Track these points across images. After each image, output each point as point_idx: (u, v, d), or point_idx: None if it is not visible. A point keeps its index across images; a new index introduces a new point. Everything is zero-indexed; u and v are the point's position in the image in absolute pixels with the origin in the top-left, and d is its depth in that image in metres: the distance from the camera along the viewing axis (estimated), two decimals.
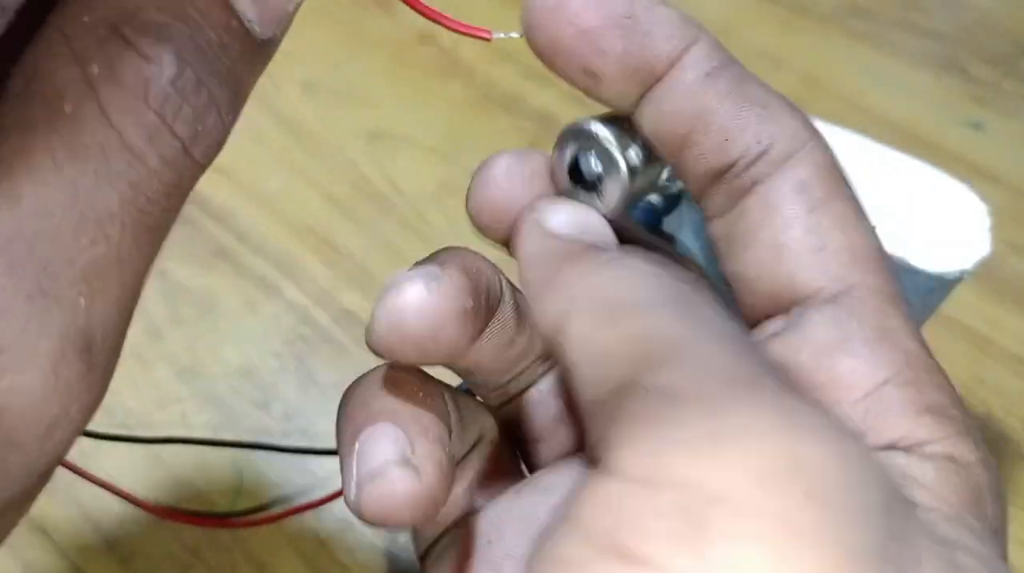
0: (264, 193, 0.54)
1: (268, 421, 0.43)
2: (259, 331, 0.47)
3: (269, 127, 0.57)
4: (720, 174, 0.18)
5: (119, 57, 0.14)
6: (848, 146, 0.36)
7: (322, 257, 0.50)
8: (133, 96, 0.14)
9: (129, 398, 0.44)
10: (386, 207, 0.53)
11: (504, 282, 0.21)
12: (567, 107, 0.58)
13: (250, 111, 0.16)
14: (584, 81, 0.18)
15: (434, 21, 0.18)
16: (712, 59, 0.18)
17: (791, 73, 0.61)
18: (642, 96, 0.18)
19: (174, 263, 0.50)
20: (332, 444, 0.19)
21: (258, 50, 0.15)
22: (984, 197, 0.34)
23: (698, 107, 0.18)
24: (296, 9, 0.15)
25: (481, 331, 0.20)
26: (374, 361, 0.20)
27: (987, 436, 0.45)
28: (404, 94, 0.61)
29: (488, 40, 0.18)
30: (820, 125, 0.36)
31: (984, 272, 0.33)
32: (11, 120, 0.14)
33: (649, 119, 0.18)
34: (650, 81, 0.18)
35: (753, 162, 0.17)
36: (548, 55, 0.18)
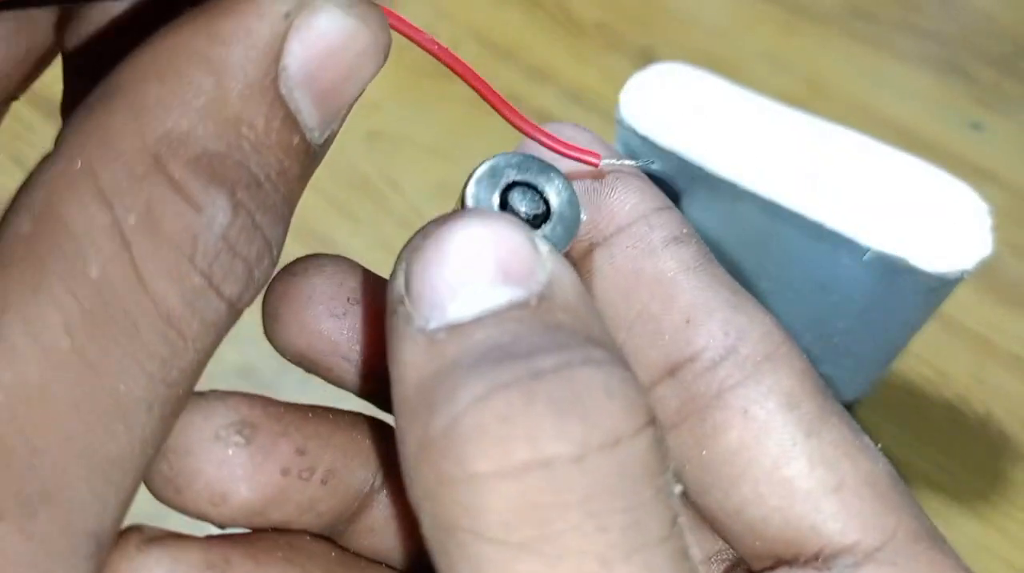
0: None
1: None
2: (259, 331, 0.47)
3: None
4: (677, 367, 0.15)
5: (162, 202, 0.11)
6: (850, 145, 0.36)
7: None
8: (177, 255, 0.11)
9: None
10: (385, 207, 0.53)
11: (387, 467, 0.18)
12: (566, 107, 0.58)
13: None
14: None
15: (536, 140, 0.16)
16: (682, 227, 0.16)
17: (791, 75, 0.61)
18: (595, 244, 0.16)
19: None
20: None
21: (314, 159, 0.13)
22: (984, 198, 0.34)
23: (658, 272, 0.15)
24: (358, 96, 0.13)
25: (297, 495, 0.16)
26: None
27: (987, 437, 0.45)
28: (404, 94, 0.61)
29: (596, 166, 0.16)
30: (824, 123, 0.36)
31: (984, 273, 0.33)
32: (13, 274, 0.11)
33: (600, 274, 0.16)
34: (609, 228, 0.16)
35: (720, 361, 0.15)
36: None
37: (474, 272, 0.13)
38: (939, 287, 0.33)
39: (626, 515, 0.11)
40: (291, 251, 0.52)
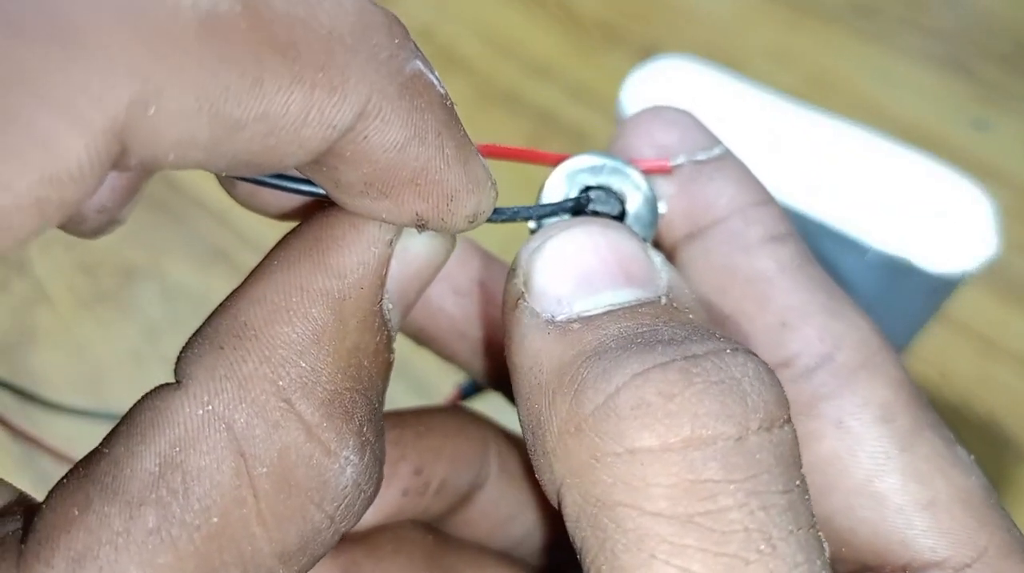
0: None
1: None
2: None
3: None
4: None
5: (295, 450, 0.11)
6: (855, 141, 0.35)
7: None
8: (304, 502, 0.11)
9: (128, 399, 0.44)
10: None
11: (494, 459, 0.18)
12: (566, 104, 0.58)
13: None
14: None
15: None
16: (780, 224, 0.16)
17: (796, 72, 0.60)
18: (690, 235, 0.16)
19: (173, 263, 0.50)
20: None
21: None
22: (988, 196, 0.34)
23: (754, 271, 0.15)
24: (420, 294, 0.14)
25: (414, 509, 0.17)
26: None
27: (990, 436, 0.45)
28: None
29: (669, 171, 0.16)
30: (828, 119, 0.36)
31: (988, 272, 0.33)
32: (141, 517, 0.11)
33: (692, 267, 0.16)
34: (704, 220, 0.16)
35: (815, 368, 0.15)
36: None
37: (597, 273, 0.13)
38: (942, 287, 0.33)
39: (783, 497, 0.12)
40: None
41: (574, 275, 0.13)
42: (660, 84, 0.38)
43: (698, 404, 0.12)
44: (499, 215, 0.15)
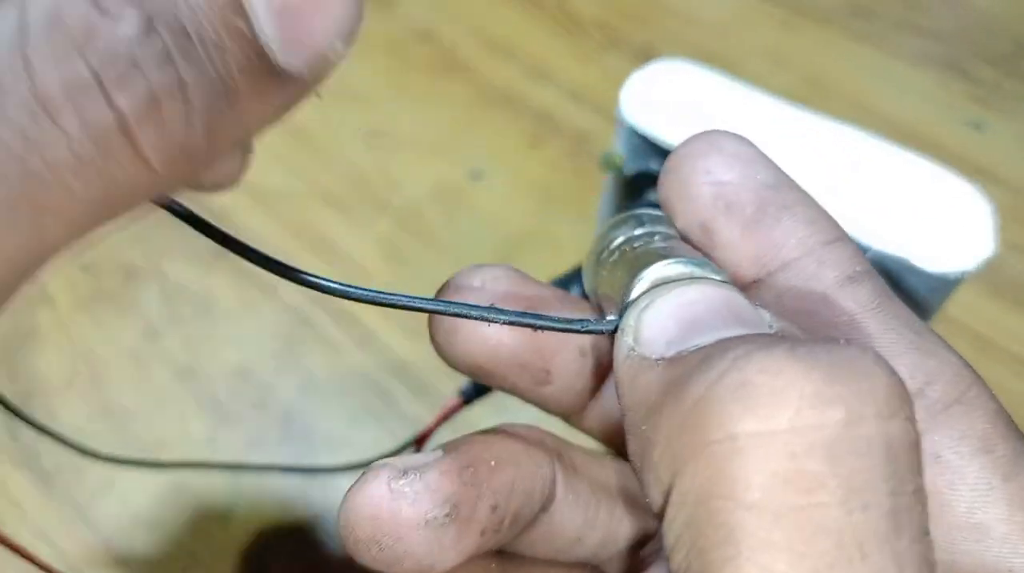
0: (263, 192, 0.53)
1: (267, 422, 0.43)
2: (257, 331, 0.47)
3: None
4: None
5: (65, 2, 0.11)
6: (852, 142, 0.36)
7: (321, 257, 0.50)
8: (67, 42, 0.11)
9: (127, 400, 0.44)
10: (385, 206, 0.53)
11: (559, 478, 0.18)
12: (567, 106, 0.58)
13: None
14: (699, 237, 0.16)
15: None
16: (856, 263, 0.15)
17: (791, 73, 0.61)
18: (757, 281, 0.15)
19: (172, 263, 0.50)
20: (331, 445, 0.19)
21: (273, 80, 0.12)
22: (985, 197, 0.34)
23: (834, 315, 0.14)
24: (336, 58, 0.13)
25: (487, 545, 0.16)
26: (371, 359, 0.19)
27: None
28: (404, 93, 0.60)
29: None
30: (825, 120, 0.36)
31: (985, 272, 0.33)
32: None
33: (767, 307, 0.15)
34: (773, 264, 0.15)
35: None
36: (672, 201, 0.16)
37: (707, 318, 0.13)
38: (941, 287, 0.33)
39: (889, 500, 0.11)
40: (290, 248, 0.52)
41: (685, 321, 0.13)
42: (660, 86, 0.38)
43: (806, 383, 0.11)
44: (537, 321, 0.15)
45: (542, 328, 0.15)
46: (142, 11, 0.11)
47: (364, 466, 0.16)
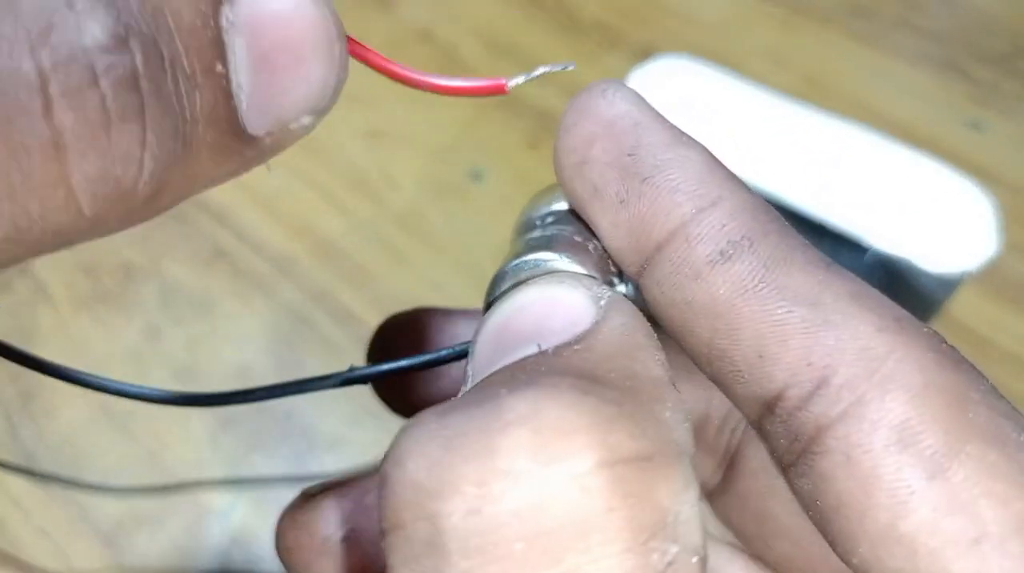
0: (263, 193, 0.53)
1: (267, 422, 0.43)
2: (257, 330, 0.47)
3: None
4: (770, 406, 0.12)
5: None
6: (855, 140, 0.36)
7: (320, 256, 0.50)
8: (13, 23, 0.09)
9: (128, 399, 0.44)
10: (385, 207, 0.53)
11: None
12: (565, 105, 0.58)
13: None
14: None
15: (435, 90, 0.14)
16: (733, 230, 0.12)
17: (791, 72, 0.61)
18: (643, 268, 0.13)
19: (172, 263, 0.50)
20: (331, 445, 0.19)
21: (234, 138, 0.11)
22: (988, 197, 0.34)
23: (710, 301, 0.12)
24: (301, 132, 0.12)
25: None
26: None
27: None
28: (403, 94, 0.60)
29: (506, 92, 0.14)
30: (828, 118, 0.36)
31: (985, 272, 0.33)
32: None
33: (656, 305, 0.13)
34: (647, 249, 0.13)
35: (809, 397, 0.12)
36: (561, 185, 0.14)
37: (514, 335, 0.13)
38: (943, 287, 0.33)
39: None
40: (289, 248, 0.52)
41: (499, 341, 0.13)
42: (659, 83, 0.38)
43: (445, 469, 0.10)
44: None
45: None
46: (118, 18, 0.09)
47: (364, 466, 0.17)
